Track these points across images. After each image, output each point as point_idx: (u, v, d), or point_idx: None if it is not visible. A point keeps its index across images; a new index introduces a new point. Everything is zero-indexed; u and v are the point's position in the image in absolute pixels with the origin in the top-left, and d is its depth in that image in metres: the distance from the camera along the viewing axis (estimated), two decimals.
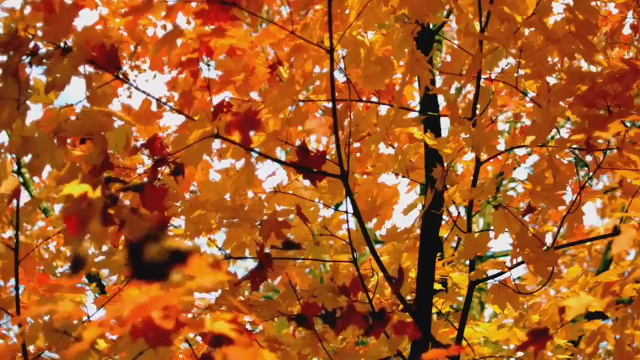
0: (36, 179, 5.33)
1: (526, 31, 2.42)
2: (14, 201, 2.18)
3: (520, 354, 3.19)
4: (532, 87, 3.00)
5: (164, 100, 4.83)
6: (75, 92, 19.32)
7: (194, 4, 2.09)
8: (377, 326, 1.94)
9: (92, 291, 5.10)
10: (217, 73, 2.80)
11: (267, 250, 2.51)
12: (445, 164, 2.71)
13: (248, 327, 2.83)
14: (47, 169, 2.14)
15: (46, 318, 2.32)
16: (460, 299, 3.06)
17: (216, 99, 2.90)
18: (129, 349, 2.16)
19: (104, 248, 2.45)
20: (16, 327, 2.51)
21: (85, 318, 2.36)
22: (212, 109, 2.33)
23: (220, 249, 2.74)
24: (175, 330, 0.98)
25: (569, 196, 2.63)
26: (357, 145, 3.16)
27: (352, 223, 2.72)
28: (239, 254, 2.73)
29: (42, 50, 2.09)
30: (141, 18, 2.07)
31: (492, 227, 2.66)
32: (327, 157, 2.51)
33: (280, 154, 4.52)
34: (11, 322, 2.46)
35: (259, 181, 2.80)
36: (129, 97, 8.12)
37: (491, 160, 3.12)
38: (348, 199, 2.47)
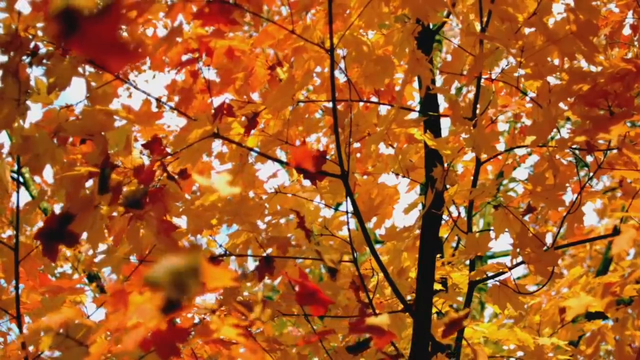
0: (37, 178, 5.33)
1: (526, 31, 2.42)
2: (14, 201, 2.19)
3: (520, 353, 3.19)
4: (531, 87, 3.00)
5: (163, 100, 4.83)
6: (75, 92, 19.31)
7: (194, 6, 2.09)
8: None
9: (92, 291, 5.10)
10: (216, 73, 2.80)
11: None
12: (445, 164, 2.71)
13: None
14: (48, 169, 2.14)
15: (44, 318, 2.32)
16: (460, 299, 3.06)
17: (216, 101, 2.90)
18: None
19: (103, 247, 2.45)
20: (16, 328, 2.51)
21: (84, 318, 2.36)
22: (213, 110, 2.33)
23: (220, 245, 2.75)
24: (184, 340, 0.98)
25: (569, 196, 2.63)
26: (357, 145, 3.16)
27: (352, 223, 2.72)
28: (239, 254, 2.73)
29: (43, 50, 2.09)
30: (145, 13, 2.07)
31: (492, 227, 2.66)
32: (328, 157, 2.51)
33: (280, 154, 4.52)
34: (17, 330, 2.46)
35: (260, 182, 2.80)
36: (129, 97, 8.12)
37: (491, 160, 3.12)
38: (348, 199, 2.47)
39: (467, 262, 2.88)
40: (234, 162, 2.71)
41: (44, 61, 2.07)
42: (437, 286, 2.98)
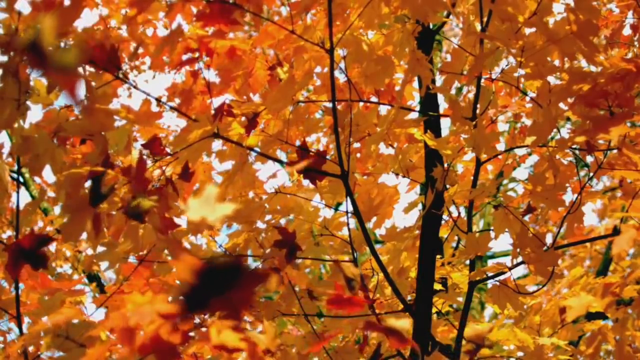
0: (37, 179, 5.33)
1: (527, 31, 2.42)
2: (14, 201, 2.19)
3: (520, 354, 3.19)
4: (531, 87, 2.99)
5: (163, 100, 4.83)
6: None
7: (193, 7, 2.09)
8: None
9: (92, 290, 5.11)
10: (216, 74, 2.80)
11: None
12: (445, 164, 2.71)
13: (248, 327, 2.83)
14: (47, 169, 2.14)
15: (45, 319, 2.32)
16: (460, 299, 3.06)
17: (217, 102, 2.89)
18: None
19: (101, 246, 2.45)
20: (16, 328, 2.51)
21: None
22: (213, 111, 2.33)
23: (220, 246, 2.75)
24: (183, 344, 0.98)
25: (569, 196, 2.63)
26: (357, 145, 3.16)
27: (352, 223, 2.72)
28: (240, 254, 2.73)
29: None
30: (145, 11, 2.07)
31: (492, 227, 2.66)
32: (328, 157, 2.51)
33: (280, 154, 4.52)
34: (18, 330, 2.47)
35: (260, 182, 2.80)
36: (129, 97, 8.12)
37: (491, 160, 3.12)
38: (348, 199, 2.47)
39: (467, 262, 2.87)
40: (234, 159, 2.70)
41: None
42: (437, 286, 2.98)
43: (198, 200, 1.12)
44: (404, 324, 1.15)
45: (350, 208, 2.47)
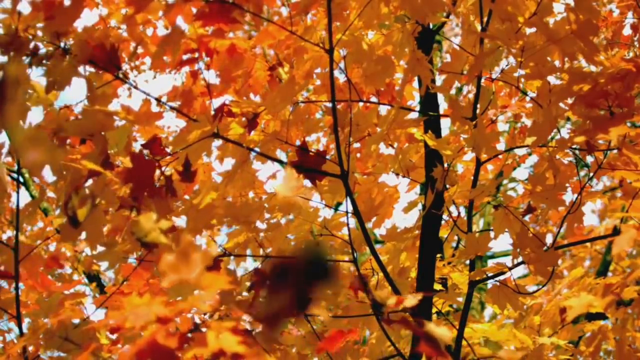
0: (37, 179, 5.33)
1: (527, 31, 2.42)
2: (14, 201, 2.19)
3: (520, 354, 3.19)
4: (531, 87, 3.00)
5: (163, 100, 4.82)
6: (75, 93, 19.32)
7: (193, 7, 2.09)
8: None
9: (92, 291, 5.11)
10: (217, 74, 2.80)
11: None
12: (445, 164, 2.71)
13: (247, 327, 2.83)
14: (47, 169, 2.14)
15: (45, 320, 2.32)
16: (460, 299, 3.06)
17: (217, 102, 2.88)
18: None
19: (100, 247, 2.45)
20: (16, 328, 2.51)
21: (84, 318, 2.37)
22: (212, 111, 2.33)
23: (220, 246, 2.75)
24: (180, 348, 0.97)
25: (569, 196, 2.63)
26: (357, 145, 3.16)
27: (352, 223, 2.72)
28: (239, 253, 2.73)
29: (43, 50, 2.09)
30: (144, 11, 2.07)
31: (492, 227, 2.66)
32: (328, 157, 2.50)
33: (280, 154, 4.52)
34: (18, 329, 2.47)
35: (260, 182, 2.80)
36: (129, 97, 8.12)
37: (491, 160, 3.12)
38: (348, 198, 2.47)
39: (467, 262, 2.88)
40: (235, 158, 2.71)
41: (44, 61, 2.07)
42: (437, 286, 2.98)
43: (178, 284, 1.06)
44: (445, 333, 1.10)
45: (350, 208, 2.47)
